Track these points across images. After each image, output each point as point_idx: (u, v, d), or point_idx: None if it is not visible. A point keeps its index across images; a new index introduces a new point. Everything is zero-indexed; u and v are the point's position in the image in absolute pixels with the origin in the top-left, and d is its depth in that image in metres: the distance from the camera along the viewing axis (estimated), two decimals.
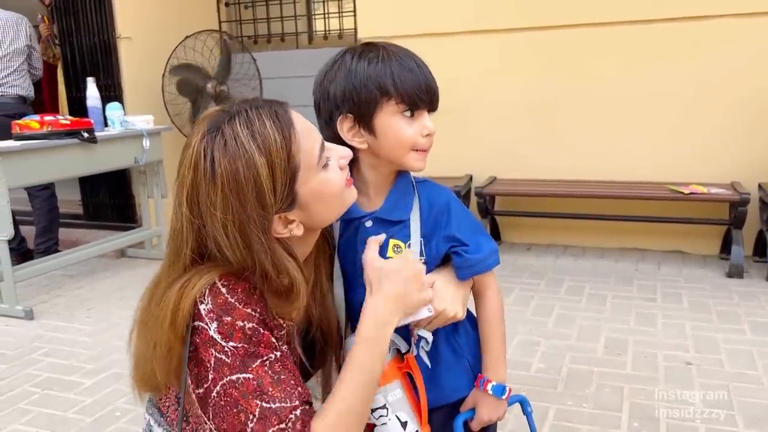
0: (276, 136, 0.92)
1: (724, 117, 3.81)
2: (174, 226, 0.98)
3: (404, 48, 1.10)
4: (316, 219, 1.01)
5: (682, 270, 3.69)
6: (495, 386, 1.13)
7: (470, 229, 1.14)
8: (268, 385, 0.91)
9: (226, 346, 0.91)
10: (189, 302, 0.92)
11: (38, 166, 3.39)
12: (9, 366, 2.78)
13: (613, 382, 2.42)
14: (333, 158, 1.01)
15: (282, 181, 0.92)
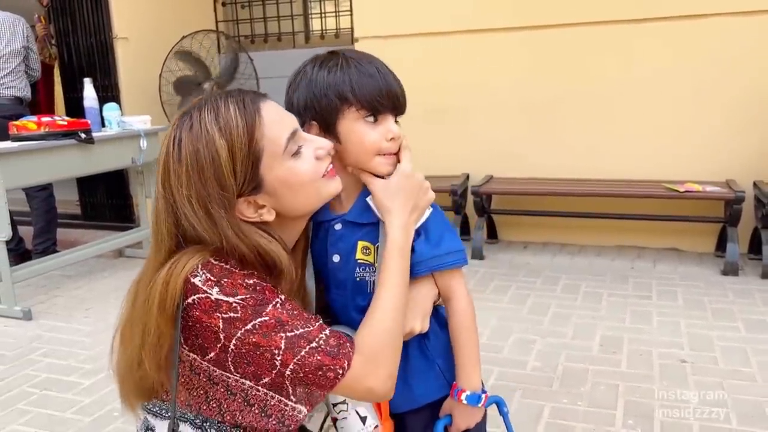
0: (239, 122, 0.96)
1: (719, 115, 3.82)
2: (154, 207, 1.02)
3: (367, 54, 1.10)
4: (288, 206, 1.03)
5: (677, 268, 3.71)
6: (469, 396, 1.13)
7: (435, 225, 1.12)
8: (286, 318, 0.94)
9: (233, 300, 0.93)
10: (180, 281, 0.95)
11: (36, 166, 3.40)
12: (8, 367, 2.80)
13: (608, 380, 2.43)
14: (308, 148, 1.03)
15: (243, 164, 0.96)
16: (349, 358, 0.95)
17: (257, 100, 1.01)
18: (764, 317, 2.94)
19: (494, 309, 3.18)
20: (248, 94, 1.01)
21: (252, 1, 5.20)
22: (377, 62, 1.08)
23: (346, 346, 0.95)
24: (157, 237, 1.02)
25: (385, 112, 1.06)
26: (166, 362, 0.99)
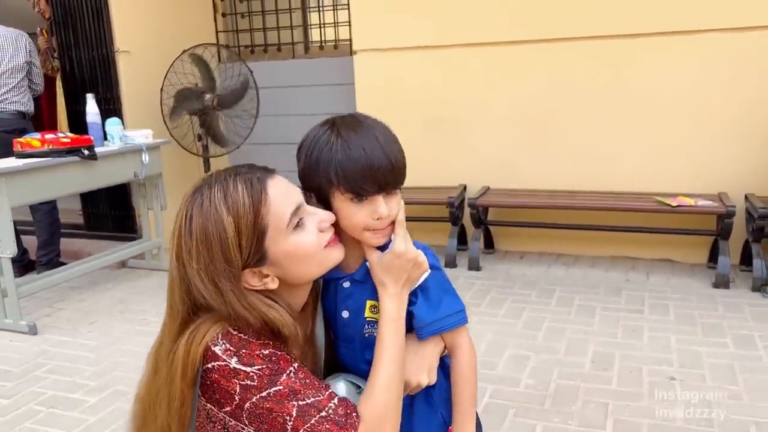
0: (246, 200, 1.03)
1: (713, 129, 3.88)
2: (169, 276, 1.09)
3: (365, 123, 1.13)
4: (293, 275, 1.09)
5: (670, 280, 3.78)
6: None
7: (434, 287, 1.17)
8: (299, 387, 1.01)
9: (250, 370, 1.01)
10: (200, 349, 1.02)
11: (40, 184, 3.47)
12: (15, 384, 2.87)
13: (599, 398, 2.50)
14: (311, 221, 1.09)
15: (248, 239, 1.03)
16: (355, 427, 1.01)
17: (265, 177, 1.08)
18: (752, 332, 3.01)
19: (490, 323, 3.25)
20: (257, 172, 1.08)
21: (252, 12, 5.25)
22: (370, 136, 1.09)
23: (353, 416, 1.02)
24: (171, 304, 1.09)
25: (370, 194, 1.08)
26: (188, 420, 1.06)
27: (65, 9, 4.54)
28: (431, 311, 1.14)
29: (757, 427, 2.26)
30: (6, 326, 3.47)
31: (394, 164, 1.09)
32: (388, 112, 4.54)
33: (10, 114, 4.11)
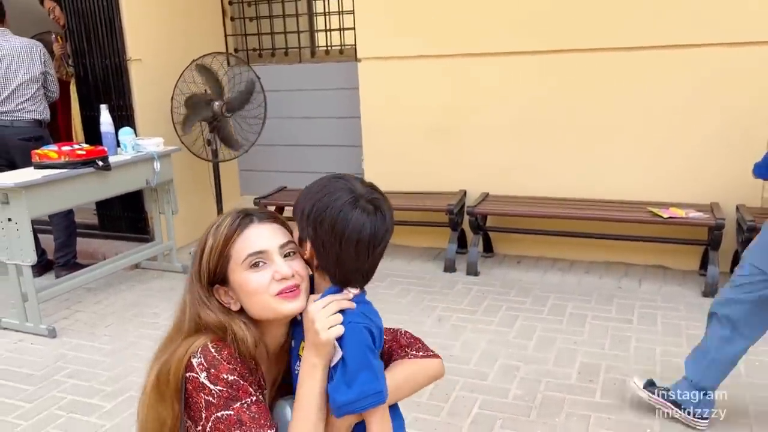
0: (225, 231, 1.28)
1: (706, 140, 3.99)
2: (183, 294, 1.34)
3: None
4: (247, 306, 1.28)
5: (661, 288, 3.91)
6: None
7: (351, 363, 1.19)
8: (247, 420, 1.18)
9: (213, 389, 1.19)
10: (186, 358, 1.22)
11: (57, 195, 3.65)
12: (36, 388, 3.07)
13: (582, 411, 2.66)
14: (268, 268, 1.25)
15: (215, 259, 1.28)
16: None
17: (255, 220, 1.30)
18: None
19: (484, 331, 3.41)
20: (255, 215, 1.31)
21: (260, 16, 5.37)
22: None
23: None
24: (179, 320, 1.32)
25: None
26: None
27: (79, 17, 4.68)
28: (345, 392, 1.18)
29: None
30: (27, 329, 3.67)
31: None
32: (390, 118, 4.72)
33: (27, 122, 4.28)
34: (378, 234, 1.21)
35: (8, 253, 3.53)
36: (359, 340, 1.20)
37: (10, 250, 3.52)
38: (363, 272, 1.25)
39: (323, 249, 1.21)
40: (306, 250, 1.26)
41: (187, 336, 1.27)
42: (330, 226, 1.19)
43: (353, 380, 1.17)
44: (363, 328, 1.21)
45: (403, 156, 4.71)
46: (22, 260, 3.51)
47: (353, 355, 1.19)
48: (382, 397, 1.20)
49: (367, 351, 1.20)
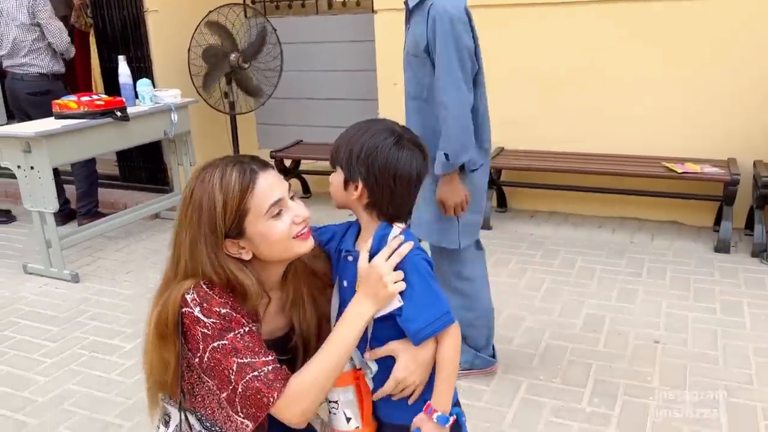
0: (236, 186, 1.26)
1: (724, 94, 3.93)
2: (171, 238, 1.35)
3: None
4: (263, 253, 1.31)
5: (674, 243, 3.91)
6: (439, 416, 1.29)
7: (416, 294, 1.27)
8: (241, 348, 1.23)
9: (207, 322, 1.24)
10: (179, 296, 1.27)
11: (78, 145, 3.74)
12: (60, 329, 3.21)
13: (584, 359, 2.72)
14: (288, 214, 1.30)
15: (231, 216, 1.26)
16: (279, 390, 1.22)
17: (258, 170, 1.29)
18: (741, 299, 3.17)
19: (493, 283, 3.38)
20: (254, 164, 1.30)
21: None
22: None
23: (281, 381, 1.23)
24: (172, 262, 1.34)
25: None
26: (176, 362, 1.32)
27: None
28: (417, 320, 1.27)
29: (727, 390, 2.46)
30: (51, 274, 3.81)
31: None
32: None
33: (33, 77, 4.36)
34: (423, 170, 1.32)
35: (31, 200, 3.65)
36: (421, 270, 1.28)
37: (33, 198, 3.63)
38: (411, 206, 1.35)
39: (377, 186, 1.29)
40: (356, 190, 1.30)
41: (180, 280, 1.31)
42: (383, 165, 1.27)
43: (423, 307, 1.27)
44: (421, 260, 1.29)
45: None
46: (45, 207, 3.63)
47: (420, 285, 1.28)
48: (451, 317, 1.28)
49: (429, 278, 1.29)
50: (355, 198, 1.31)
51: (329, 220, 1.55)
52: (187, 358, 1.32)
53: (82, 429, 2.42)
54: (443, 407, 1.31)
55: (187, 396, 1.36)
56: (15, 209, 4.96)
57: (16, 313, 3.40)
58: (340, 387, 1.34)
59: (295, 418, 1.25)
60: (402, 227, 1.33)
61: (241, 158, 1.32)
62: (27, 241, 4.40)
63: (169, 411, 1.44)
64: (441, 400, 1.31)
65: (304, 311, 1.45)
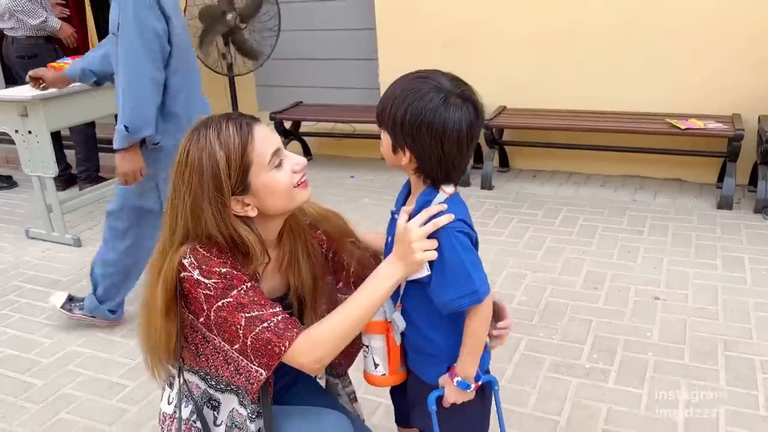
0: (236, 139, 1.24)
1: (729, 49, 3.85)
2: (167, 201, 1.32)
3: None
4: (268, 206, 1.30)
5: (676, 200, 3.89)
6: (460, 381, 1.31)
7: (446, 267, 1.24)
8: (246, 303, 1.23)
9: (208, 283, 1.24)
10: (176, 262, 1.26)
11: (74, 108, 3.70)
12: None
13: (584, 316, 2.73)
14: (287, 163, 1.31)
15: (236, 171, 1.24)
16: (291, 340, 1.22)
17: (252, 123, 1.28)
18: (742, 254, 3.16)
19: (494, 242, 3.46)
20: (245, 118, 1.29)
21: None
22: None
23: (292, 330, 1.23)
24: (168, 225, 1.31)
25: None
26: (176, 326, 1.33)
27: None
28: (443, 292, 1.25)
29: (724, 344, 2.47)
30: (54, 239, 3.83)
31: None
32: (407, 31, 4.62)
33: (21, 39, 4.31)
34: (474, 126, 1.24)
35: (30, 165, 3.64)
36: (455, 244, 1.24)
37: (33, 163, 3.62)
38: (464, 166, 1.28)
39: (424, 154, 1.23)
40: (404, 157, 1.25)
41: (178, 246, 1.29)
42: (429, 131, 1.20)
43: (450, 282, 1.24)
44: (459, 233, 1.25)
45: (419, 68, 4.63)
46: (44, 172, 3.62)
47: (452, 259, 1.24)
48: (477, 297, 1.24)
49: (464, 253, 1.24)
50: (405, 163, 1.27)
51: (329, 184, 1.55)
52: (190, 321, 1.32)
53: (88, 389, 2.45)
54: (465, 374, 1.32)
55: (191, 357, 1.37)
56: (17, 175, 4.96)
57: (20, 278, 3.42)
58: (372, 334, 1.38)
59: (310, 365, 1.25)
60: (449, 193, 1.28)
61: (230, 114, 1.31)
62: (29, 207, 4.41)
63: (172, 372, 1.46)
64: (464, 368, 1.32)
65: (299, 270, 1.46)
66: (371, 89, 4.83)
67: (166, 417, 1.46)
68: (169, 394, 1.46)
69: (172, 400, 1.44)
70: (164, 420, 1.46)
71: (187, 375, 1.40)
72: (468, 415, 1.40)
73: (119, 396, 2.40)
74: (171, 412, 1.44)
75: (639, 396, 2.21)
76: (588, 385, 2.29)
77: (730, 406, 2.13)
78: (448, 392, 1.34)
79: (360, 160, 4.98)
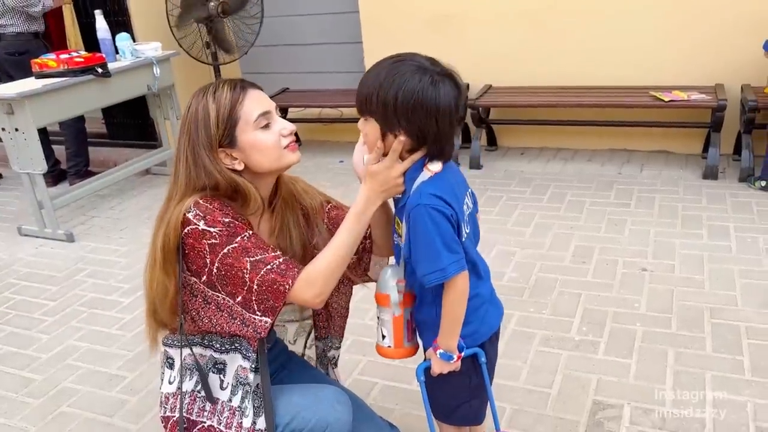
0: (227, 96, 1.37)
1: (712, 20, 3.87)
2: (174, 157, 1.44)
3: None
4: (254, 163, 1.41)
5: (662, 171, 3.94)
6: (442, 353, 1.36)
7: (419, 243, 1.29)
8: (251, 247, 1.33)
9: (213, 231, 1.32)
10: (181, 216, 1.34)
11: (60, 103, 3.70)
12: (59, 287, 3.25)
13: (573, 290, 2.77)
14: (275, 126, 1.41)
15: (224, 123, 1.37)
16: (293, 278, 1.32)
17: (247, 87, 1.40)
18: (728, 223, 3.21)
19: (484, 221, 3.43)
20: (245, 83, 1.41)
21: None
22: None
23: (293, 270, 1.33)
24: (175, 175, 1.41)
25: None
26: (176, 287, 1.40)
27: None
28: (418, 268, 1.31)
29: (710, 312, 2.52)
30: (46, 235, 3.84)
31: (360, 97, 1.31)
32: (390, 9, 4.62)
33: (10, 37, 4.29)
34: (460, 101, 1.29)
35: (19, 162, 3.64)
36: (426, 221, 1.27)
37: (21, 160, 3.63)
38: (452, 139, 1.33)
39: (420, 133, 1.27)
40: (395, 140, 1.28)
41: (179, 202, 1.37)
42: (423, 110, 1.24)
43: (421, 258, 1.30)
44: (434, 210, 1.27)
45: (404, 50, 4.63)
46: (33, 169, 3.62)
47: (423, 235, 1.28)
48: (444, 274, 1.28)
49: (432, 231, 1.27)
50: (395, 147, 1.29)
51: (318, 170, 1.60)
52: (190, 284, 1.39)
53: (87, 382, 2.49)
54: (446, 346, 1.37)
55: (191, 325, 1.43)
56: (6, 172, 4.96)
57: (14, 275, 3.44)
58: (382, 306, 1.44)
59: (311, 299, 1.35)
60: (434, 171, 1.31)
61: (233, 79, 1.43)
62: (20, 204, 4.42)
63: (171, 354, 1.51)
64: (444, 340, 1.37)
65: (290, 238, 1.55)
66: (357, 72, 4.83)
67: (169, 396, 1.51)
68: (170, 375, 1.52)
69: (174, 379, 1.50)
70: (166, 400, 1.52)
71: (189, 349, 1.46)
72: (457, 385, 1.46)
73: (119, 387, 2.43)
74: (174, 390, 1.50)
75: (628, 366, 2.26)
76: (578, 357, 2.34)
77: (717, 372, 2.19)
78: (433, 363, 1.40)
79: (348, 144, 5.00)
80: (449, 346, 1.37)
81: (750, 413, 1.99)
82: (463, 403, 1.50)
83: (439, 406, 1.51)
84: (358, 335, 2.56)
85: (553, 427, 2.02)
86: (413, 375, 1.59)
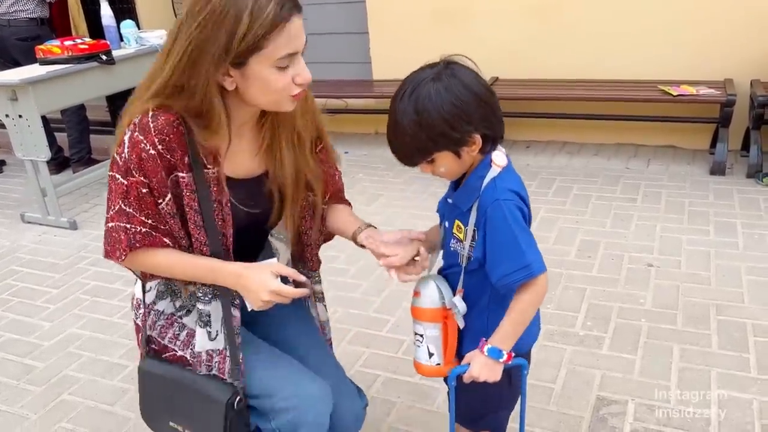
0: (270, 15, 1.15)
1: (721, 13, 3.83)
2: (160, 53, 1.27)
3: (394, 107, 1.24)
4: (247, 94, 1.25)
5: (669, 167, 3.90)
6: (491, 348, 1.25)
7: (497, 240, 1.21)
8: (132, 197, 1.26)
9: (123, 152, 1.25)
10: (130, 117, 1.27)
11: (64, 90, 3.68)
12: (62, 275, 3.25)
13: (578, 284, 2.75)
14: (293, 70, 1.24)
15: (248, 45, 1.16)
16: (129, 254, 1.29)
17: (293, 12, 1.19)
18: (734, 219, 3.18)
19: None
20: (294, 3, 1.20)
21: None
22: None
23: (140, 244, 1.29)
24: (152, 71, 1.28)
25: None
26: None
27: None
28: (496, 269, 1.22)
29: (717, 309, 2.50)
30: (49, 222, 3.83)
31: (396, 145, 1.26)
32: (397, 3, 4.56)
33: (22, 22, 4.25)
34: (479, 76, 1.24)
35: (23, 149, 3.63)
36: (507, 216, 1.20)
37: (25, 147, 3.61)
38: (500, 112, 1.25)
39: (486, 120, 1.20)
40: (473, 146, 1.21)
41: (150, 97, 1.26)
42: (470, 102, 1.18)
43: (502, 257, 1.21)
44: (512, 205, 1.21)
45: (411, 41, 4.60)
46: (37, 156, 3.61)
47: (503, 232, 1.20)
48: (530, 271, 1.20)
49: (515, 227, 1.20)
50: (474, 153, 1.23)
51: None
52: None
53: (88, 370, 2.48)
54: (500, 344, 1.26)
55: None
56: (10, 159, 4.94)
57: (17, 262, 3.44)
58: (428, 322, 1.34)
59: (135, 271, 1.41)
60: (502, 165, 1.24)
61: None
62: (23, 191, 4.41)
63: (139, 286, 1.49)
64: (500, 338, 1.26)
65: (280, 158, 1.43)
66: (363, 63, 4.80)
67: (140, 304, 1.47)
68: (149, 284, 1.45)
69: (150, 289, 1.45)
70: (138, 306, 1.49)
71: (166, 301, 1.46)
72: (491, 393, 1.37)
73: (120, 376, 2.43)
74: (149, 301, 1.45)
75: (633, 362, 2.24)
76: (582, 353, 2.32)
77: (723, 369, 2.17)
78: (474, 365, 1.27)
79: (353, 135, 4.97)
80: (506, 345, 1.26)
81: (756, 411, 1.97)
82: (492, 411, 1.45)
83: (468, 412, 1.43)
84: (360, 327, 2.55)
85: (556, 422, 2.00)
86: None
